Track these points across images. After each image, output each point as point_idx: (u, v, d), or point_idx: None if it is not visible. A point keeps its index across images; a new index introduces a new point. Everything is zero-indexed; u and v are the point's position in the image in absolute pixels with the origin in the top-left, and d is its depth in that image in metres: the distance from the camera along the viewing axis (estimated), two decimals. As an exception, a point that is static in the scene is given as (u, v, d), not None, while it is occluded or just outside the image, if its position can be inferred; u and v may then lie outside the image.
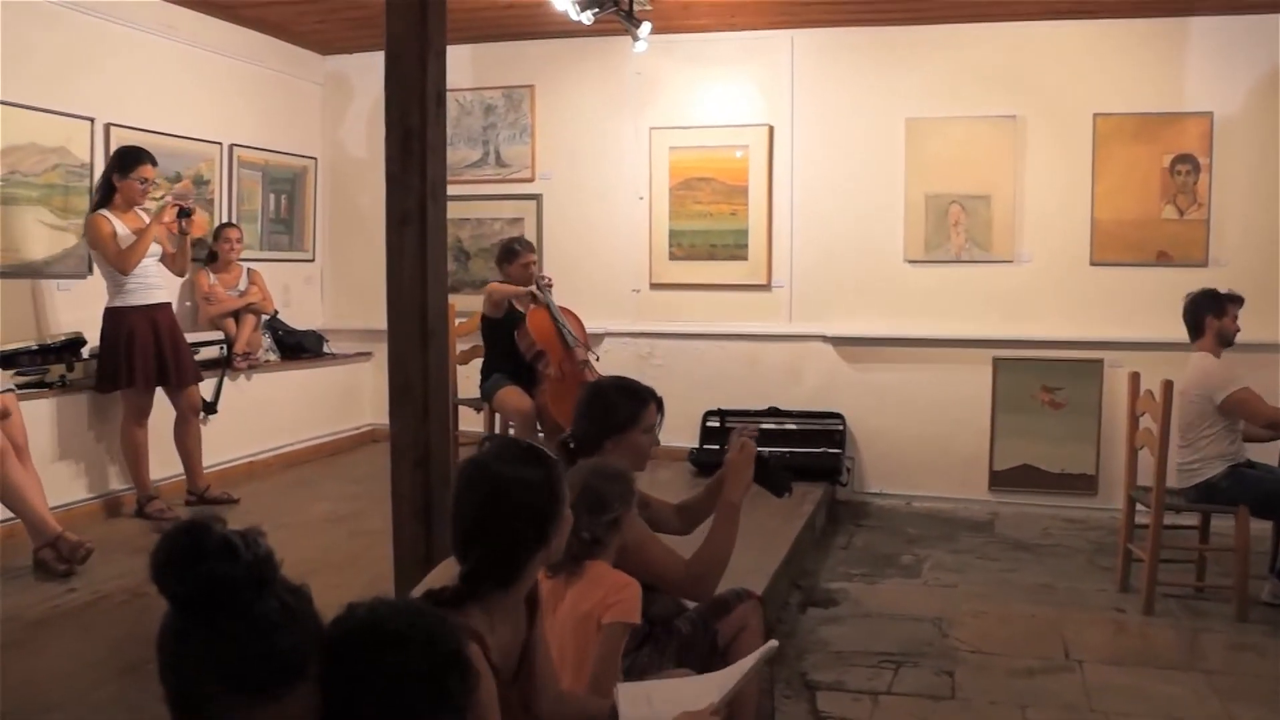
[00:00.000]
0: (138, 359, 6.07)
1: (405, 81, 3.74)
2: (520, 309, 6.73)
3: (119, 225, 6.02)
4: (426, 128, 3.73)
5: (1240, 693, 4.50)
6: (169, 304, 6.39)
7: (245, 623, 1.53)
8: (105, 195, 6.10)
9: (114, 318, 6.11)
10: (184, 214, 6.30)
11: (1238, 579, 5.42)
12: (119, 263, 6.00)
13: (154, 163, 6.17)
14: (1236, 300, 5.72)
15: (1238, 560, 5.41)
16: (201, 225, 7.28)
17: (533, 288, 6.73)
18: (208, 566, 1.52)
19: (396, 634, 1.71)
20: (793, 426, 7.75)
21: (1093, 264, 7.51)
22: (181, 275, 6.73)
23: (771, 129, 7.99)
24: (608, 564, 2.98)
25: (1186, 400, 5.52)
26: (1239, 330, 5.70)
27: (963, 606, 5.59)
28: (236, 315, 7.51)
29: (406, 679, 1.69)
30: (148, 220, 6.15)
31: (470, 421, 7.32)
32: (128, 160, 6.08)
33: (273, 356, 8.00)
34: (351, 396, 8.71)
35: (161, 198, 6.75)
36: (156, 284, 6.25)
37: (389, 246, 3.77)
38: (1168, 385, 5.39)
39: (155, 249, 6.21)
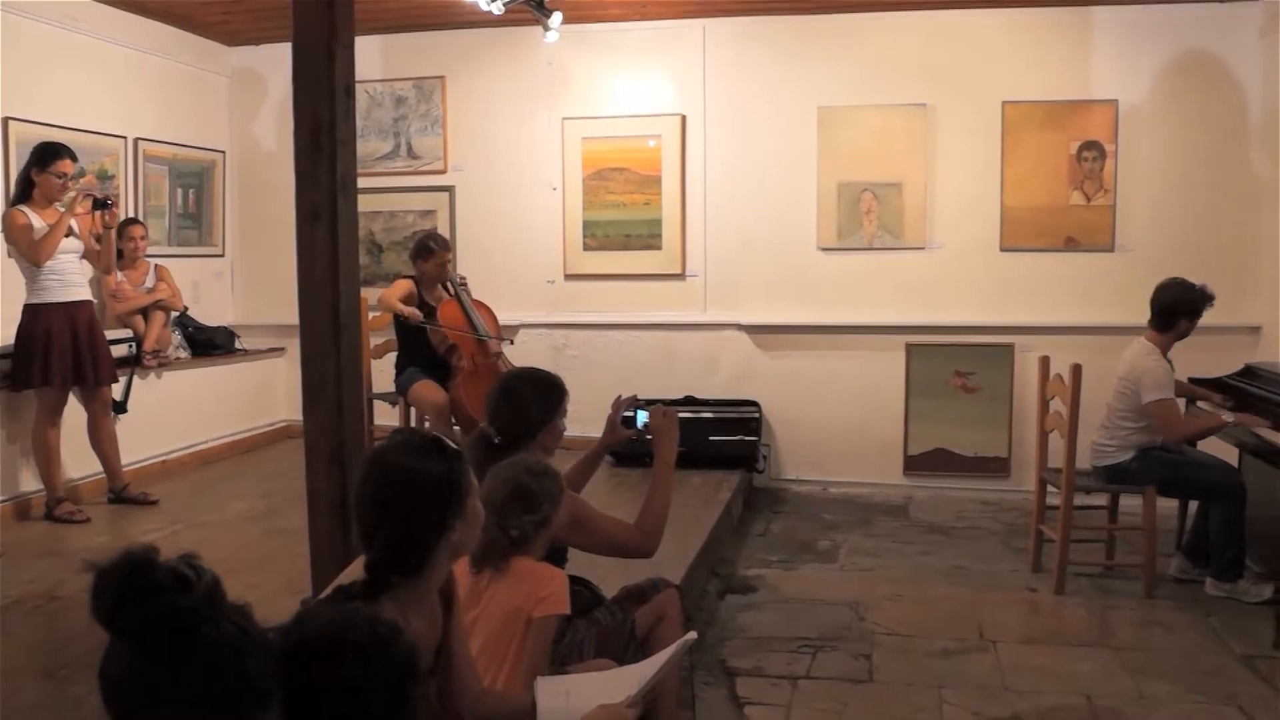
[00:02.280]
0: (54, 357, 5.98)
1: (313, 76, 3.69)
2: (432, 303, 6.69)
3: (36, 220, 5.95)
4: (335, 122, 3.69)
5: (1148, 668, 4.61)
6: (90, 302, 6.29)
7: (211, 652, 1.46)
8: (23, 191, 6.03)
9: (31, 315, 6.01)
10: (100, 206, 6.19)
11: (1146, 557, 5.54)
12: (31, 254, 5.91)
13: (74, 158, 6.12)
14: (1211, 300, 5.69)
15: (1146, 539, 5.53)
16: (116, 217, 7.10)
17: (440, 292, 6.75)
18: (166, 601, 1.45)
19: (355, 644, 1.68)
20: (709, 415, 7.76)
21: (1002, 250, 7.62)
22: (107, 272, 6.66)
23: (684, 118, 8.00)
24: (533, 559, 2.98)
25: (1121, 385, 5.61)
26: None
27: (879, 590, 5.65)
28: (145, 312, 7.37)
29: (369, 689, 1.66)
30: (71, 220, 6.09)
31: (385, 416, 7.27)
32: (46, 155, 6.01)
33: (183, 354, 7.85)
34: (265, 393, 8.59)
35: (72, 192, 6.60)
36: (76, 281, 6.16)
37: (299, 242, 3.73)
38: (1076, 369, 5.49)
39: (76, 245, 6.14)
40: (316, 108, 3.66)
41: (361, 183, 4.03)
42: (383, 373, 7.14)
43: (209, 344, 8.11)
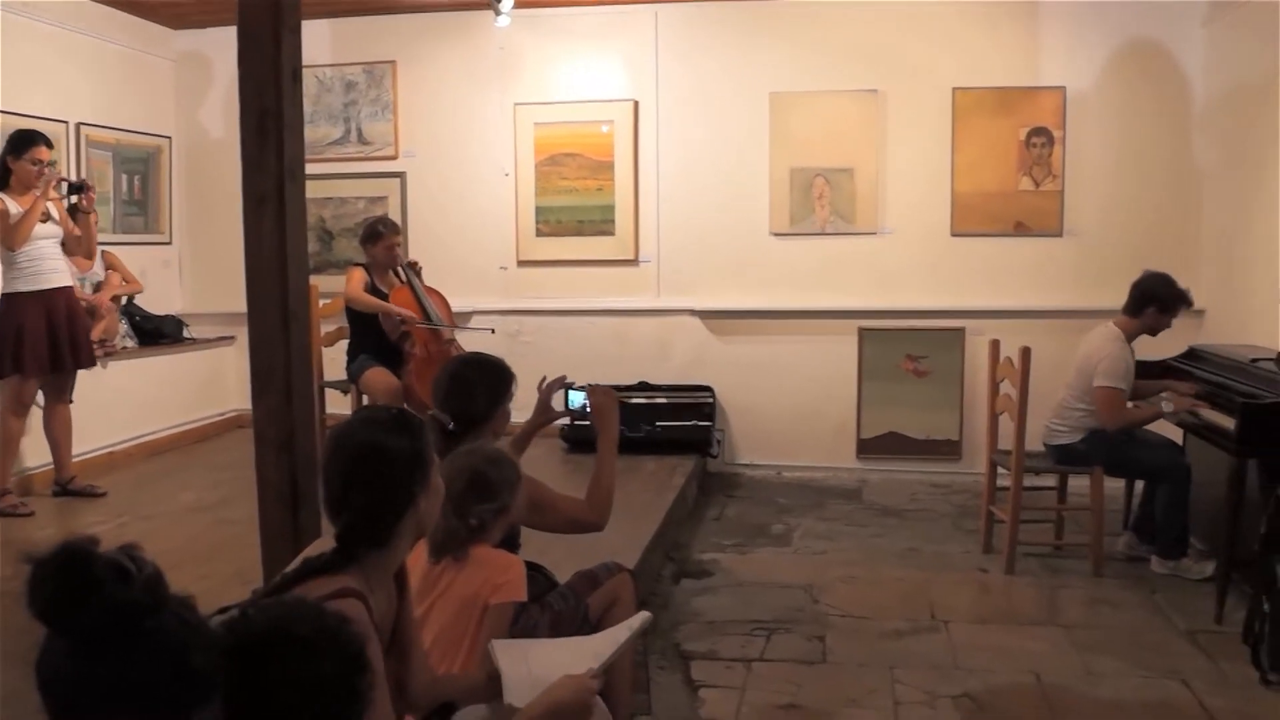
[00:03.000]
0: (26, 347, 5.96)
1: (259, 59, 3.64)
2: (384, 289, 6.66)
3: (13, 206, 5.94)
4: (283, 106, 3.64)
5: (1097, 645, 4.69)
6: (69, 287, 6.29)
7: (153, 646, 1.44)
8: (1, 179, 6.00)
9: (6, 304, 6.01)
10: (75, 189, 6.16)
11: (1094, 536, 5.62)
12: (6, 239, 5.90)
13: (49, 144, 6.13)
14: (1187, 303, 5.78)
15: (1094, 519, 5.62)
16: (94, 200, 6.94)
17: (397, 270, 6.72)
18: (106, 594, 1.42)
19: (305, 640, 1.66)
20: (663, 400, 7.78)
21: (953, 235, 7.66)
22: (89, 257, 6.59)
23: (637, 104, 7.99)
24: (490, 546, 3.00)
25: (1081, 365, 5.68)
26: (1167, 329, 5.80)
27: (833, 573, 5.69)
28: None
29: (320, 685, 1.63)
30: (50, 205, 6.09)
31: (337, 404, 7.22)
32: (20, 142, 6.01)
33: (130, 343, 7.77)
34: (215, 382, 8.51)
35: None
36: (52, 267, 6.13)
37: (246, 228, 3.68)
38: (1025, 352, 5.54)
39: (54, 230, 6.13)
40: (263, 92, 3.62)
41: (311, 168, 4.01)
42: (334, 360, 7.09)
43: (156, 333, 8.03)
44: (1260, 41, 6.44)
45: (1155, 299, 5.66)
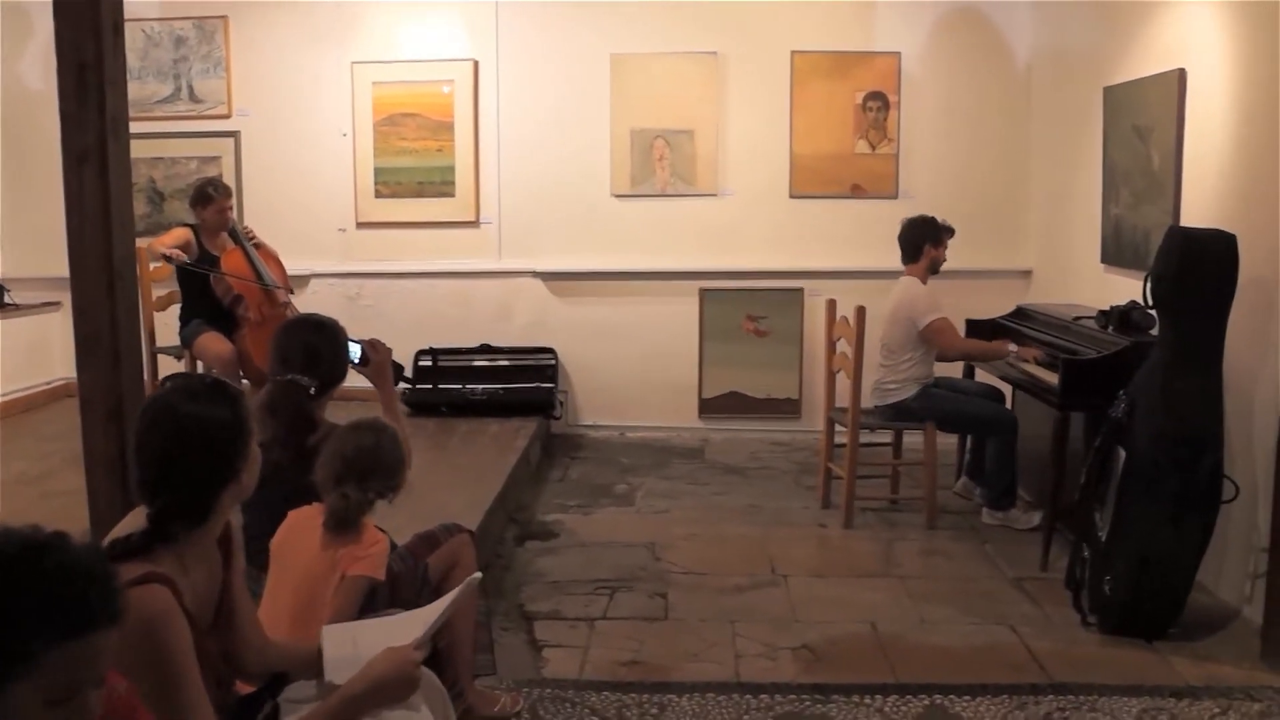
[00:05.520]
0: None
1: (77, 10, 3.50)
2: (214, 252, 6.47)
3: None
4: (103, 60, 3.51)
5: (931, 594, 4.86)
6: None
7: None
8: None
9: None
10: None
11: (927, 490, 5.80)
12: None
13: None
14: (950, 231, 6.04)
15: (927, 473, 5.79)
16: None
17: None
18: None
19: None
20: (505, 363, 7.76)
21: (792, 197, 7.77)
22: None
23: (477, 64, 7.88)
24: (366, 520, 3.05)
25: (894, 321, 5.85)
26: (945, 261, 6.04)
27: (675, 531, 5.76)
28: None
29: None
30: None
31: (171, 370, 7.01)
32: None
33: (-55, 310, 7.44)
34: (40, 349, 8.17)
35: None
36: None
37: (67, 187, 3.55)
38: (860, 311, 5.67)
39: None
40: (81, 45, 3.48)
41: (141, 127, 3.90)
42: (167, 325, 6.88)
43: (-27, 299, 7.69)
44: (1082, 8, 6.66)
45: (926, 237, 5.97)
